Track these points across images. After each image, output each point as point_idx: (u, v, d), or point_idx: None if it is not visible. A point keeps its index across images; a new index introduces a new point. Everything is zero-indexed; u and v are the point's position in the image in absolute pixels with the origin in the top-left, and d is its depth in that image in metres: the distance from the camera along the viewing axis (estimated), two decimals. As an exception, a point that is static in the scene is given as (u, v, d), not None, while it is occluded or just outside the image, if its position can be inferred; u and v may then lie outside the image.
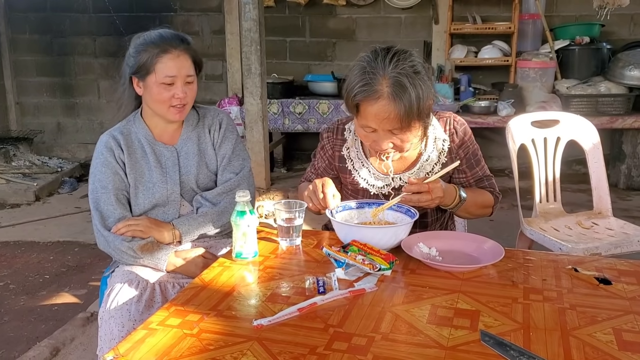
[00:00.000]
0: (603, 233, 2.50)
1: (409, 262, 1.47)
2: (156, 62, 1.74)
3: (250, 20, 4.37)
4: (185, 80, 1.78)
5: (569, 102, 4.48)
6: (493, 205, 1.81)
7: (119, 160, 1.82)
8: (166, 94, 1.76)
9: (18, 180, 5.01)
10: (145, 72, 1.75)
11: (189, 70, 1.79)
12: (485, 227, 3.55)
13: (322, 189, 1.58)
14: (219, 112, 1.97)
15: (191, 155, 1.88)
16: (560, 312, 1.22)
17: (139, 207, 1.82)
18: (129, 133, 1.86)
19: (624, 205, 4.36)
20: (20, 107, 6.26)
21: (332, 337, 1.11)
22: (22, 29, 6.05)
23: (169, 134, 1.89)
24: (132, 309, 1.60)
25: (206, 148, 1.90)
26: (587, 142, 2.64)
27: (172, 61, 1.75)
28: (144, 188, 1.82)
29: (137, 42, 1.78)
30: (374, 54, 1.56)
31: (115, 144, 1.82)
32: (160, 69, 1.74)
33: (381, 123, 1.55)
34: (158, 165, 1.84)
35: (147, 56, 1.74)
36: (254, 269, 1.47)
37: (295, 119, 5.12)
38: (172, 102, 1.77)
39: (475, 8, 5.20)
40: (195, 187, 1.87)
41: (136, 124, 1.87)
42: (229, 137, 1.93)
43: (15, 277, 3.33)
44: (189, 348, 1.08)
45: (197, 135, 1.90)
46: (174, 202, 1.85)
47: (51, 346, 2.51)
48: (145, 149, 1.85)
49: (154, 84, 1.75)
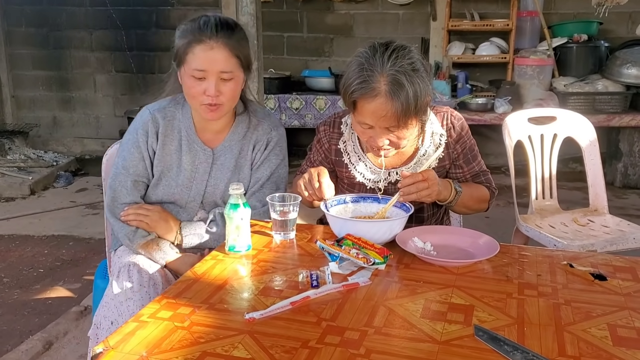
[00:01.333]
0: (599, 230, 2.50)
1: (404, 257, 1.46)
2: (188, 52, 1.58)
3: (247, 14, 4.35)
4: (219, 76, 1.58)
5: (566, 99, 4.47)
6: (489, 199, 1.80)
7: (150, 148, 1.71)
8: (197, 88, 1.60)
9: (13, 174, 4.99)
10: (179, 62, 1.62)
11: (225, 65, 1.58)
12: (480, 223, 3.54)
13: (318, 178, 1.57)
14: (274, 126, 1.79)
15: (226, 168, 1.75)
16: (554, 307, 1.21)
17: (156, 199, 1.76)
18: (172, 118, 1.72)
19: (620, 204, 4.36)
20: (16, 100, 6.23)
21: (325, 331, 1.10)
22: (18, 22, 6.02)
23: (212, 134, 1.75)
24: (151, 291, 1.56)
25: (244, 164, 1.77)
26: (583, 139, 2.64)
27: (203, 53, 1.57)
28: (166, 184, 1.74)
29: (181, 27, 1.63)
30: (372, 49, 1.53)
31: (152, 129, 1.70)
32: (191, 60, 1.58)
33: (378, 121, 1.54)
34: (189, 167, 1.73)
35: (181, 44, 1.60)
36: (247, 263, 1.45)
37: (292, 115, 5.11)
38: (203, 99, 1.60)
39: (473, 5, 5.19)
40: (219, 202, 1.77)
41: (183, 110, 1.73)
42: (272, 161, 1.78)
43: (9, 270, 3.31)
44: (180, 341, 1.07)
45: (239, 147, 1.76)
46: (191, 209, 1.77)
47: (44, 340, 2.50)
48: (182, 144, 1.72)
49: (185, 75, 1.61)
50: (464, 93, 4.82)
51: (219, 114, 1.65)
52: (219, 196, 1.76)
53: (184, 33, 1.61)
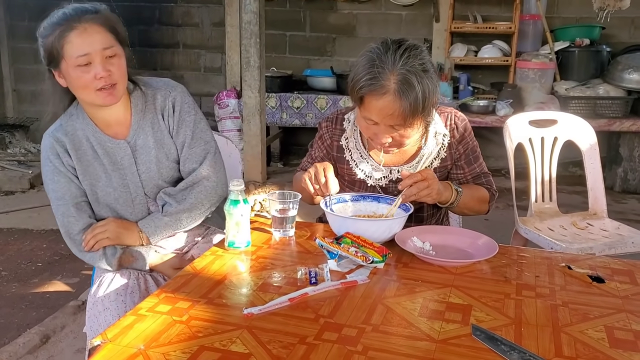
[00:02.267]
0: (597, 234, 2.50)
1: (402, 256, 1.46)
2: (62, 43, 1.48)
3: (250, 12, 4.35)
4: (103, 55, 1.50)
5: (567, 103, 4.47)
6: (489, 201, 1.80)
7: (69, 167, 1.63)
8: (86, 77, 1.50)
9: (13, 168, 4.99)
10: (57, 59, 1.51)
11: (104, 42, 1.51)
12: (480, 225, 3.53)
13: (324, 173, 1.57)
14: (171, 88, 1.70)
15: (148, 149, 1.66)
16: (552, 308, 1.21)
17: (103, 212, 1.68)
18: (74, 131, 1.63)
19: (619, 208, 4.36)
20: (17, 94, 6.23)
21: (323, 328, 1.10)
22: (21, 16, 6.01)
23: (118, 125, 1.66)
24: (127, 300, 1.56)
25: (163, 137, 1.68)
26: (584, 143, 2.64)
27: (80, 37, 1.48)
28: (103, 194, 1.65)
29: (41, 29, 1.54)
30: (384, 46, 1.52)
31: (61, 149, 1.61)
32: (69, 50, 1.48)
33: (384, 118, 1.54)
34: (114, 167, 1.65)
35: (52, 41, 1.50)
36: (246, 259, 1.46)
37: (293, 114, 5.11)
38: (97, 85, 1.51)
39: (476, 7, 5.20)
40: (160, 182, 1.69)
41: (79, 119, 1.64)
42: (186, 120, 1.68)
43: (8, 264, 3.31)
44: (178, 335, 1.07)
45: (150, 124, 1.67)
46: (140, 204, 1.69)
47: (41, 333, 2.50)
48: (95, 149, 1.63)
49: (69, 68, 1.50)
50: (465, 95, 4.82)
51: (116, 96, 1.57)
52: (157, 177, 1.68)
53: (48, 30, 1.52)
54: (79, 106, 1.65)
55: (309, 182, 1.60)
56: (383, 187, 1.77)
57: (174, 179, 1.72)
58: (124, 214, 1.69)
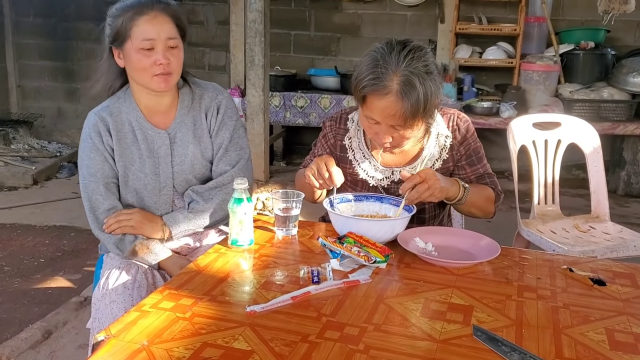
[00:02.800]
0: (600, 237, 2.50)
1: (405, 256, 1.47)
2: (132, 25, 1.58)
3: (255, 11, 4.36)
4: (166, 44, 1.61)
5: (571, 106, 4.47)
6: (495, 201, 1.79)
7: (107, 146, 1.70)
8: (146, 61, 1.60)
9: (16, 163, 5.00)
10: (122, 39, 1.60)
11: (170, 32, 1.62)
12: (482, 227, 3.53)
13: (327, 168, 1.58)
14: (218, 91, 1.81)
15: (186, 143, 1.74)
16: (553, 310, 1.22)
17: (129, 197, 1.74)
18: (118, 113, 1.72)
19: (622, 212, 4.36)
20: (22, 90, 6.24)
21: (325, 326, 1.11)
22: (27, 12, 6.03)
23: (162, 115, 1.74)
24: (134, 294, 1.57)
25: (202, 135, 1.77)
26: (587, 146, 2.64)
27: (148, 23, 1.59)
28: (134, 177, 1.72)
29: (112, 10, 1.65)
30: (389, 46, 1.53)
31: (103, 128, 1.69)
32: (137, 33, 1.58)
33: (385, 118, 1.54)
34: (150, 154, 1.72)
35: (121, 21, 1.60)
36: (249, 257, 1.46)
37: (297, 113, 5.11)
38: (155, 70, 1.61)
39: (481, 9, 5.19)
40: (190, 177, 1.76)
41: (126, 102, 1.72)
42: (227, 124, 1.78)
43: (10, 259, 3.33)
44: (181, 331, 1.08)
45: (192, 120, 1.76)
46: (165, 195, 1.75)
47: (43, 329, 2.51)
48: (136, 134, 1.71)
49: (132, 50, 1.60)
50: (469, 96, 4.82)
51: (170, 84, 1.66)
52: (188, 172, 1.75)
53: (119, 12, 1.62)
54: (127, 90, 1.74)
55: (312, 177, 1.61)
56: (385, 187, 1.78)
57: (203, 177, 1.79)
58: (149, 202, 1.74)
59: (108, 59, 1.69)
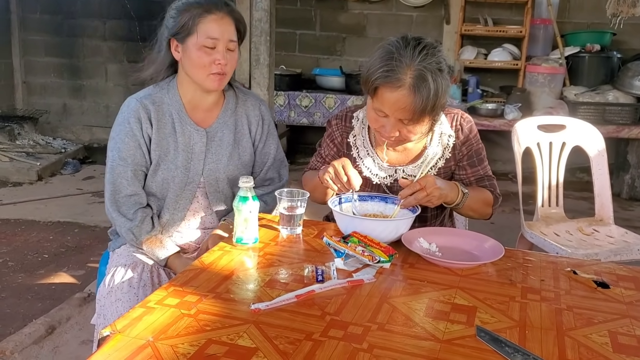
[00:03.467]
0: (603, 240, 2.50)
1: (409, 256, 1.47)
2: (198, 22, 1.63)
3: (261, 10, 4.36)
4: (227, 45, 1.66)
5: (576, 109, 4.46)
6: (493, 204, 1.80)
7: (146, 134, 1.71)
8: (207, 59, 1.65)
9: (21, 159, 5.02)
10: (186, 34, 1.65)
11: (232, 35, 1.68)
12: (485, 228, 3.53)
13: (345, 171, 1.59)
14: (260, 101, 1.89)
15: (225, 144, 1.78)
16: (557, 312, 1.22)
17: (154, 186, 1.75)
18: (161, 103, 1.74)
19: (626, 215, 4.35)
20: (27, 86, 6.27)
21: (329, 325, 1.11)
22: (33, 9, 6.05)
23: (203, 112, 1.78)
24: (139, 292, 1.58)
25: (242, 138, 1.82)
26: (592, 149, 2.64)
27: (215, 22, 1.64)
28: (165, 168, 1.73)
29: (179, 3, 1.69)
30: (404, 40, 1.54)
31: (145, 115, 1.70)
32: (203, 30, 1.63)
33: (395, 111, 1.55)
34: (185, 147, 1.74)
35: (188, 16, 1.64)
36: (253, 255, 1.47)
37: (301, 112, 5.12)
38: (212, 69, 1.65)
39: (487, 10, 5.20)
40: (222, 177, 1.79)
41: (170, 94, 1.75)
42: (272, 134, 1.88)
43: (14, 254, 3.34)
44: (186, 328, 1.09)
45: (234, 122, 1.81)
46: (190, 191, 1.77)
47: (47, 324, 2.52)
48: (175, 126, 1.74)
49: (194, 46, 1.65)
50: (474, 98, 4.82)
51: (222, 84, 1.71)
52: (222, 171, 1.79)
53: (186, 6, 1.66)
54: (172, 82, 1.76)
55: (330, 181, 1.61)
56: (388, 185, 1.78)
57: (234, 178, 1.80)
58: (172, 194, 1.76)
59: (165, 51, 1.72)
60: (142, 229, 1.71)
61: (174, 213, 1.78)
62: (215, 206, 1.83)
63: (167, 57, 1.73)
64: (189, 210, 1.80)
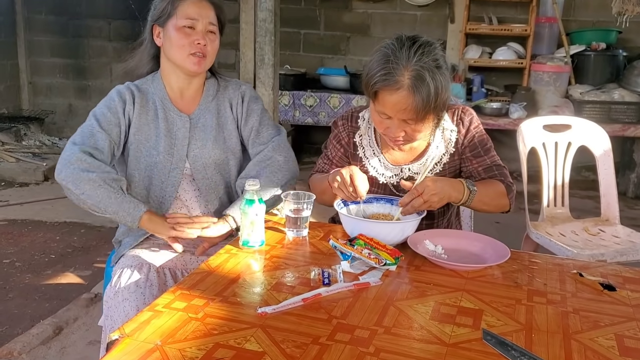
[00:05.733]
0: (609, 240, 2.50)
1: (415, 259, 1.48)
2: (178, 5, 1.70)
3: (265, 10, 4.36)
4: (207, 28, 1.72)
5: (581, 107, 4.45)
6: (507, 194, 1.75)
7: (127, 115, 1.75)
8: (186, 40, 1.70)
9: (28, 160, 5.05)
10: (166, 17, 1.72)
11: (212, 18, 1.74)
12: (490, 228, 3.55)
13: (352, 181, 1.58)
14: (241, 83, 1.90)
15: (209, 129, 1.81)
16: (563, 315, 1.22)
17: (139, 173, 1.77)
18: (146, 92, 1.80)
19: (631, 214, 4.34)
20: (33, 86, 6.30)
21: (335, 328, 1.12)
22: (38, 9, 6.07)
23: (187, 99, 1.82)
24: (146, 292, 1.59)
25: (225, 122, 1.84)
26: (598, 149, 2.63)
27: (194, 5, 1.71)
28: (147, 153, 1.76)
29: None
30: (399, 42, 1.55)
31: (129, 98, 1.76)
32: (181, 11, 1.70)
33: (397, 112, 1.56)
34: (167, 133, 1.77)
35: (168, 0, 1.72)
36: (260, 258, 1.48)
37: (306, 112, 5.12)
38: (192, 49, 1.70)
39: (492, 9, 5.18)
40: (209, 162, 1.80)
41: (154, 84, 1.81)
42: (254, 109, 1.86)
43: (21, 255, 3.36)
44: (194, 331, 1.09)
45: (216, 107, 1.84)
46: (175, 177, 1.78)
47: (54, 325, 2.53)
48: (158, 113, 1.78)
49: (174, 27, 1.70)
50: (479, 97, 4.81)
51: (202, 67, 1.74)
52: (207, 156, 1.80)
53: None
54: (156, 75, 1.83)
55: (339, 189, 1.62)
56: (394, 184, 1.79)
57: (222, 163, 1.82)
58: (156, 181, 1.78)
59: (148, 42, 1.79)
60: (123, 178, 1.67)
61: (162, 201, 1.79)
62: (206, 195, 1.83)
63: (151, 48, 1.80)
64: (178, 199, 1.82)
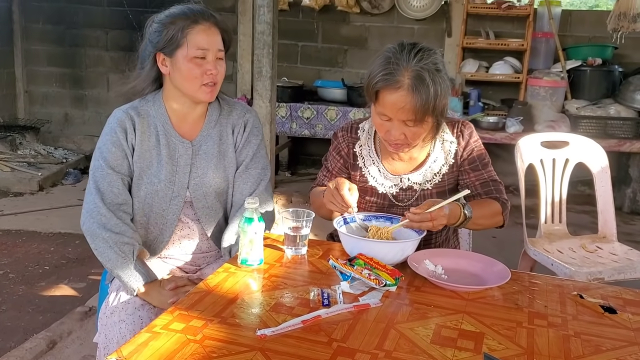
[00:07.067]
0: (607, 258, 2.49)
1: (414, 279, 1.47)
2: (187, 33, 1.61)
3: (264, 23, 4.37)
4: (216, 55, 1.65)
5: (577, 122, 4.47)
6: (502, 212, 1.77)
7: (130, 144, 1.69)
8: (197, 70, 1.63)
9: (23, 169, 5.02)
10: (175, 46, 1.62)
11: (220, 44, 1.67)
12: (487, 243, 3.53)
13: (338, 191, 1.59)
14: (247, 110, 1.83)
15: (210, 156, 1.74)
16: (564, 339, 1.21)
17: (139, 200, 1.70)
18: (146, 116, 1.72)
19: (627, 230, 4.34)
20: (29, 95, 6.27)
21: (336, 352, 1.11)
22: (36, 19, 6.06)
23: (189, 125, 1.75)
24: (143, 315, 1.56)
25: (227, 150, 1.77)
26: (595, 166, 2.64)
27: (204, 33, 1.63)
28: (148, 181, 1.69)
29: (162, 17, 1.66)
30: (400, 46, 1.60)
31: (130, 125, 1.69)
32: (192, 41, 1.61)
33: (397, 113, 1.59)
34: (169, 160, 1.70)
35: (175, 29, 1.61)
36: (258, 277, 1.46)
37: (303, 124, 5.12)
38: (204, 80, 1.64)
39: (488, 23, 5.21)
40: (209, 191, 1.73)
41: (155, 106, 1.73)
42: (252, 142, 1.79)
43: (15, 266, 3.33)
44: (192, 354, 1.08)
45: (218, 134, 1.76)
46: (176, 205, 1.71)
47: (48, 339, 2.50)
48: (159, 139, 1.71)
49: (185, 58, 1.62)
50: (475, 111, 4.83)
51: (214, 94, 1.70)
52: (208, 185, 1.73)
53: (171, 19, 1.63)
54: (157, 95, 1.74)
55: (332, 207, 1.63)
56: (394, 194, 1.79)
57: (222, 192, 1.77)
58: (157, 209, 1.71)
59: (150, 65, 1.69)
60: (135, 239, 1.64)
61: (162, 231, 1.73)
62: (205, 222, 1.76)
63: (152, 72, 1.71)
64: (178, 228, 1.75)
